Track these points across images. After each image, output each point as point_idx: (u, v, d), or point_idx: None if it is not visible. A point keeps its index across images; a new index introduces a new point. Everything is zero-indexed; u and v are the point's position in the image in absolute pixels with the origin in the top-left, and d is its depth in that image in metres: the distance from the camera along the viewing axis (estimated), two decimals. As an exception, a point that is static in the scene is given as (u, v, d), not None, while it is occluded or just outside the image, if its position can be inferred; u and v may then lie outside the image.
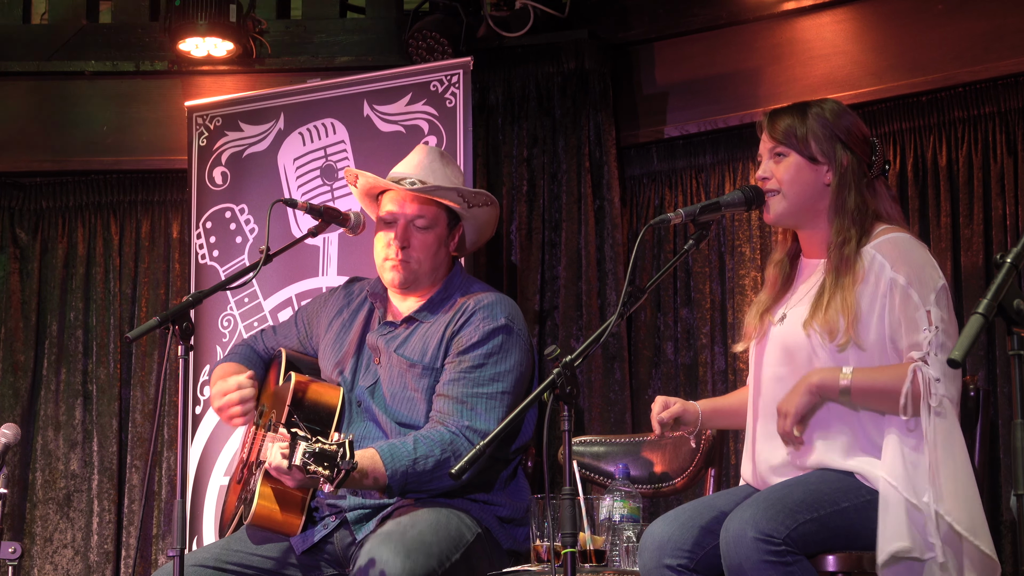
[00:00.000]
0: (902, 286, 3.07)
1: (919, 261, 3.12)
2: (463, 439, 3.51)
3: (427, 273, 3.76)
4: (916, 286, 3.06)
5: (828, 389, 3.06)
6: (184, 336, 3.33)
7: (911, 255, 3.12)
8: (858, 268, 3.13)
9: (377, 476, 3.42)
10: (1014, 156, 4.66)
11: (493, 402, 3.58)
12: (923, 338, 3.03)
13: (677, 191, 5.28)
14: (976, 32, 4.72)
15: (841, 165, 3.21)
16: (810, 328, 3.12)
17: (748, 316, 3.36)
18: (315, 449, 3.17)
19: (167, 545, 5.37)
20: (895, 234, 3.17)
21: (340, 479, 3.18)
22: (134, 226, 5.67)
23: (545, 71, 5.34)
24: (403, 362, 3.68)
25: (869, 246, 3.15)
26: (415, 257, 3.73)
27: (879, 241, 3.15)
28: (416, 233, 3.74)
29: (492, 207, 3.84)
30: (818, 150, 3.22)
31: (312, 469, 3.17)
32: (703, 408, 3.48)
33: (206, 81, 5.56)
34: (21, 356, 5.62)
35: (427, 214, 3.75)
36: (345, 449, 3.18)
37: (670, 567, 3.09)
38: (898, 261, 3.10)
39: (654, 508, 4.53)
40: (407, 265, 3.72)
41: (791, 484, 3.08)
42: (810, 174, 3.23)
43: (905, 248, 3.13)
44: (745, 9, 5.12)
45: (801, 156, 3.23)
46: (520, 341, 3.68)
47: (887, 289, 3.08)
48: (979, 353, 4.56)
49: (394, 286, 3.76)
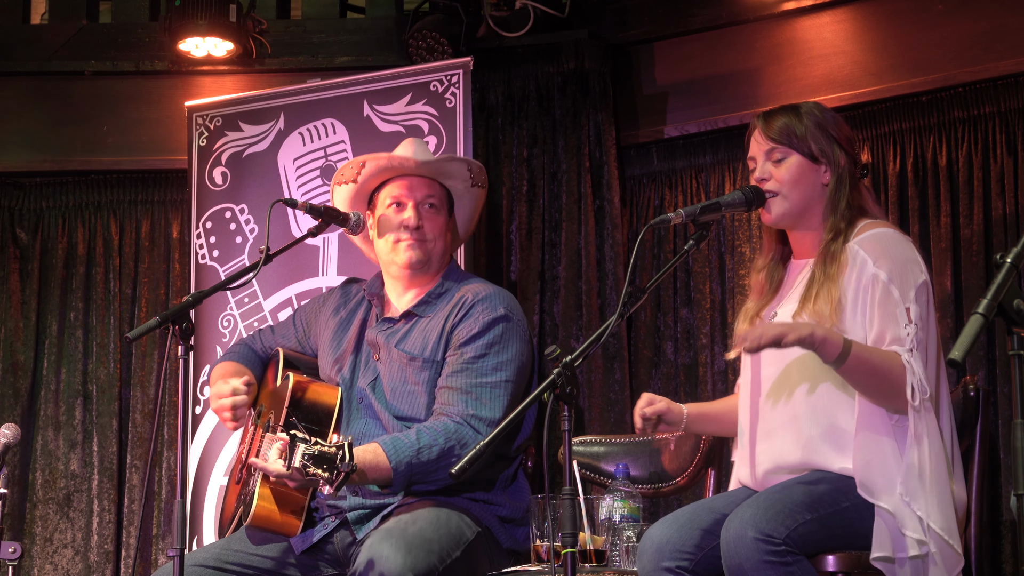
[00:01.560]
0: (883, 282, 3.07)
1: (901, 257, 3.12)
2: (468, 427, 3.51)
3: (438, 256, 3.77)
4: (897, 282, 3.07)
5: (831, 344, 2.98)
6: (184, 336, 3.33)
7: (893, 250, 3.13)
8: (843, 260, 3.14)
9: (381, 470, 3.42)
10: (1014, 156, 4.66)
11: (497, 391, 3.58)
12: (905, 334, 3.03)
13: (677, 191, 5.28)
14: (976, 32, 4.72)
15: (839, 165, 3.23)
16: (799, 319, 3.12)
17: (737, 324, 3.36)
18: (314, 452, 3.17)
19: (167, 545, 5.37)
20: (878, 229, 3.19)
21: (340, 481, 3.17)
22: (134, 226, 5.67)
23: (545, 71, 5.34)
24: (403, 356, 3.68)
25: (853, 241, 3.16)
26: (430, 237, 3.74)
27: (862, 237, 3.16)
28: (427, 214, 3.75)
29: (485, 190, 3.88)
30: (818, 150, 3.23)
31: (311, 471, 3.16)
32: (689, 411, 3.45)
33: (206, 81, 5.56)
34: (21, 356, 5.62)
35: (436, 194, 3.77)
36: (344, 451, 3.17)
37: (669, 570, 3.09)
38: (880, 257, 3.10)
39: (654, 508, 4.53)
40: (424, 244, 3.73)
41: (790, 484, 3.08)
42: (811, 174, 3.24)
43: (887, 243, 3.14)
44: (745, 9, 5.12)
45: (802, 156, 3.24)
46: (520, 331, 3.69)
47: (868, 283, 3.09)
48: (979, 353, 4.56)
49: (407, 266, 3.74)
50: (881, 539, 2.99)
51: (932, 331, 3.11)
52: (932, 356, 3.10)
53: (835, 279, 3.12)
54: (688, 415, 3.44)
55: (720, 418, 3.48)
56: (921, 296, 3.08)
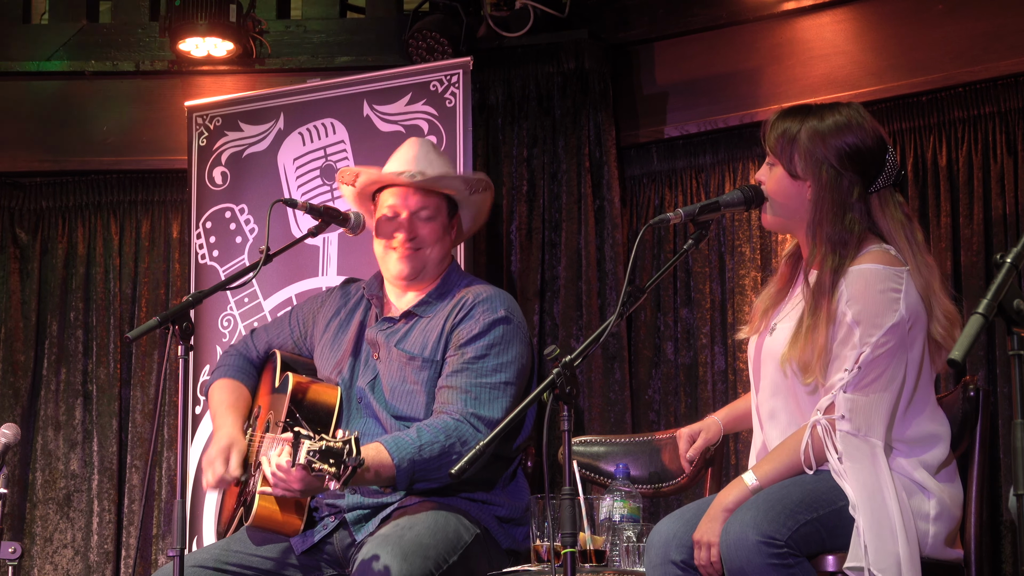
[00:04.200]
0: (848, 324, 3.04)
1: (877, 297, 3.04)
2: (468, 425, 3.51)
3: (435, 263, 3.76)
4: (864, 325, 3.02)
5: (741, 500, 3.05)
6: (184, 336, 3.33)
7: (870, 289, 3.04)
8: (835, 298, 3.07)
9: (384, 468, 3.41)
10: (1014, 156, 4.66)
11: (497, 392, 3.58)
12: (837, 380, 3.02)
13: (677, 191, 5.28)
14: (976, 32, 4.72)
15: (820, 184, 3.12)
16: (787, 366, 3.11)
17: (757, 302, 3.34)
18: (320, 447, 3.14)
19: (167, 545, 5.37)
20: (868, 264, 3.08)
21: (347, 476, 3.13)
22: (134, 226, 5.67)
23: (545, 71, 5.34)
24: (402, 356, 3.68)
25: (853, 268, 3.09)
26: (424, 248, 3.73)
27: (852, 270, 3.08)
28: (421, 224, 3.74)
29: (490, 192, 3.86)
30: (800, 167, 3.15)
31: (317, 467, 3.13)
32: (723, 420, 3.54)
33: (206, 81, 5.56)
34: (21, 356, 5.62)
35: (430, 205, 3.75)
36: (351, 445, 3.14)
37: (675, 562, 3.09)
38: (855, 296, 3.04)
39: (654, 508, 4.53)
40: (416, 255, 3.72)
41: (788, 484, 3.08)
42: (792, 188, 3.17)
43: (868, 280, 3.05)
44: (745, 9, 5.12)
45: (783, 170, 3.20)
46: (520, 333, 3.69)
47: (839, 321, 3.06)
48: (979, 353, 4.57)
49: (401, 278, 3.75)
50: (857, 549, 2.98)
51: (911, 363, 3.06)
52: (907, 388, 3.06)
53: (823, 326, 3.06)
54: (724, 424, 3.53)
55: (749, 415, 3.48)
56: (893, 334, 3.02)
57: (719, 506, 3.07)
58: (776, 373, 3.18)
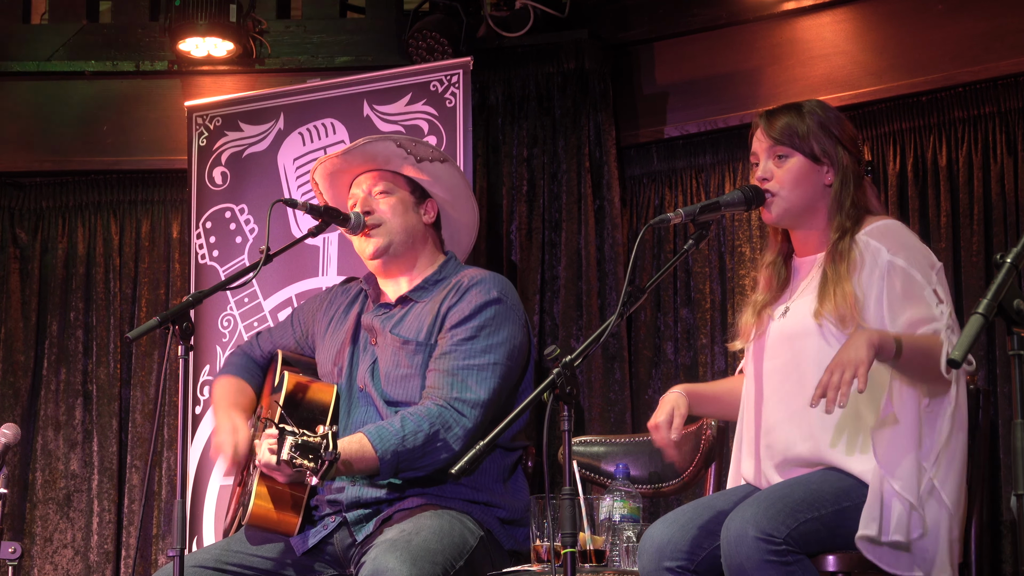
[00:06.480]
0: (902, 267, 3.10)
1: (914, 244, 3.18)
2: (452, 411, 3.53)
3: (400, 236, 3.78)
4: (917, 267, 3.10)
5: (886, 346, 2.95)
6: (184, 336, 3.33)
7: (906, 239, 3.18)
8: (853, 255, 3.15)
9: (367, 460, 3.45)
10: (1014, 156, 4.66)
11: (484, 373, 3.59)
12: (938, 312, 3.06)
13: (677, 191, 5.29)
14: (976, 32, 4.72)
15: (842, 165, 3.24)
16: (821, 317, 3.13)
17: (744, 315, 3.36)
18: (299, 442, 3.23)
19: (167, 545, 5.37)
20: (883, 221, 3.22)
21: (324, 470, 3.22)
22: (134, 226, 5.67)
23: (545, 71, 5.34)
24: (397, 340, 3.69)
25: (861, 233, 3.18)
26: (384, 223, 3.76)
27: (869, 228, 3.19)
28: (377, 200, 3.79)
29: (448, 164, 3.86)
30: (820, 150, 3.24)
31: (298, 462, 3.22)
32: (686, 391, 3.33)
33: (206, 81, 5.57)
34: (21, 356, 5.62)
35: (384, 181, 3.81)
36: (328, 440, 3.22)
37: (670, 569, 3.08)
38: (895, 245, 3.13)
39: (654, 508, 4.53)
40: (378, 231, 3.76)
41: (791, 483, 3.08)
42: (813, 175, 3.24)
43: (898, 232, 3.19)
44: (745, 9, 5.13)
45: (804, 156, 3.24)
46: (513, 314, 3.69)
47: (885, 271, 3.11)
48: (979, 353, 4.56)
49: (371, 258, 3.79)
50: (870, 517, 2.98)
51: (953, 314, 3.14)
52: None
53: (847, 277, 3.13)
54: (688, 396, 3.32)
55: (719, 399, 3.45)
56: (942, 279, 3.13)
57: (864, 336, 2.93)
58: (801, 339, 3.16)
